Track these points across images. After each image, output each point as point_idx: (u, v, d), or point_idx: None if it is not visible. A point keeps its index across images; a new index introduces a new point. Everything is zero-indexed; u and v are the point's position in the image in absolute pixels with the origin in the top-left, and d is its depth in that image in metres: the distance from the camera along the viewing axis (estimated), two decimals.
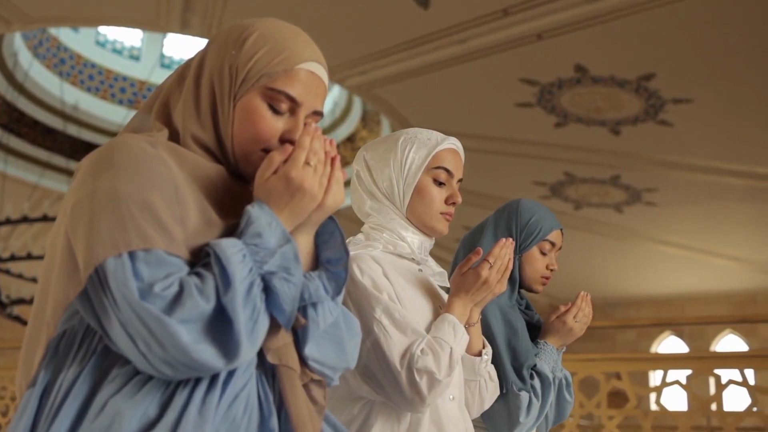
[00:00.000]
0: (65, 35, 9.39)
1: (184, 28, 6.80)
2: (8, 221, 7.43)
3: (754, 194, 8.49)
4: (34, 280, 8.34)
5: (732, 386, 4.57)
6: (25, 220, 7.34)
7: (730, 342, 12.22)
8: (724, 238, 9.88)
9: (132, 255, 0.99)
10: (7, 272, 8.26)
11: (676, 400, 8.10)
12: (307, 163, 1.11)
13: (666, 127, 7.31)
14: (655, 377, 11.02)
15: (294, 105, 1.19)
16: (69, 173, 9.22)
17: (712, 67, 6.34)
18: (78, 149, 9.43)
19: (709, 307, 11.99)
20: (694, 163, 8.01)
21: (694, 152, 7.79)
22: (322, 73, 1.22)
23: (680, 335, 12.35)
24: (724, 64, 6.27)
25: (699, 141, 7.56)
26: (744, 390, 4.57)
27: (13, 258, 7.87)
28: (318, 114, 1.22)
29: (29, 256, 7.71)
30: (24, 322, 8.72)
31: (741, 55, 6.13)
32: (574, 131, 7.61)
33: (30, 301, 8.23)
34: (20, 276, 8.36)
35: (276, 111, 1.18)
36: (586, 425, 6.35)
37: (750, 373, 4.69)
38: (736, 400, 4.99)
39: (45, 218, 7.23)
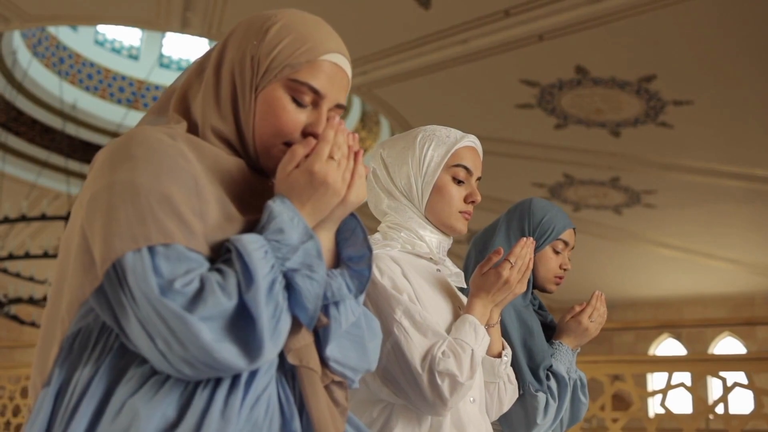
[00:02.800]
0: (64, 34, 9.36)
1: (185, 27, 6.78)
2: (6, 220, 7.40)
3: (752, 197, 8.49)
4: (31, 279, 8.33)
5: (733, 389, 4.55)
6: (23, 219, 7.32)
7: (728, 345, 12.22)
8: (722, 240, 9.89)
9: (152, 249, 0.96)
10: (5, 271, 8.24)
11: (677, 402, 8.08)
12: (330, 157, 1.07)
13: (666, 129, 7.30)
14: (653, 380, 11.00)
15: (317, 97, 1.15)
16: (67, 172, 9.21)
17: (713, 69, 6.35)
18: (76, 148, 9.42)
19: (707, 310, 12.00)
20: (693, 166, 8.01)
21: (694, 154, 7.79)
22: (346, 65, 1.19)
23: (678, 338, 12.36)
24: (725, 66, 6.28)
25: (698, 143, 7.57)
26: (747, 393, 4.55)
27: (11, 257, 7.86)
28: (341, 107, 1.18)
29: (27, 255, 7.70)
30: (21, 321, 8.71)
31: (741, 58, 6.13)
32: (574, 133, 7.61)
33: (27, 301, 8.23)
34: (18, 275, 8.36)
35: (299, 103, 1.14)
36: (586, 428, 6.33)
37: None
38: (739, 402, 4.97)
39: (43, 217, 7.21)
